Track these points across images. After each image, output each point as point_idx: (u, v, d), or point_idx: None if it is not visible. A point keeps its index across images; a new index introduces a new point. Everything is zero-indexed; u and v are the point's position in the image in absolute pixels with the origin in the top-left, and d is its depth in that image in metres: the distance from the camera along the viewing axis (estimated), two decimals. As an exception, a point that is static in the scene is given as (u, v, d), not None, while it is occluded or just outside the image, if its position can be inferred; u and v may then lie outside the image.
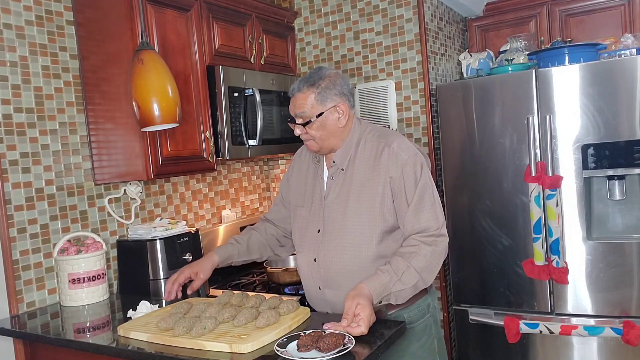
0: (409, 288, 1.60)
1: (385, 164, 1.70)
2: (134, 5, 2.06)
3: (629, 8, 2.96)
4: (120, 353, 1.61)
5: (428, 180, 1.69)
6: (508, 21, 3.27)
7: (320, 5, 3.06)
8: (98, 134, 2.24)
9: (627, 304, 2.36)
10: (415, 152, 1.71)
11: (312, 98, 1.71)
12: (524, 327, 2.51)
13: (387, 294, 1.58)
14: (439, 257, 1.65)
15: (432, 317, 1.77)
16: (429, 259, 1.62)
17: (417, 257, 1.61)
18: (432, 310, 1.78)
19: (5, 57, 2.00)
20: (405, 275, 1.59)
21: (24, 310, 2.02)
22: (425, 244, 1.62)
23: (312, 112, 1.71)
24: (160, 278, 2.16)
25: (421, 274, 1.61)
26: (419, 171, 1.69)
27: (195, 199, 2.79)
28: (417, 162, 1.70)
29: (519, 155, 2.51)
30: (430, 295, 1.79)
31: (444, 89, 2.73)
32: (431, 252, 1.62)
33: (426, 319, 1.75)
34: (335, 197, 1.75)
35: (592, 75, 2.35)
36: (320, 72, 1.74)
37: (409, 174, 1.68)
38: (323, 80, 1.71)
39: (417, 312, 1.73)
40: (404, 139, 1.77)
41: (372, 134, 1.78)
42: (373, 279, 1.57)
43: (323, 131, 1.73)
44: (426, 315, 1.75)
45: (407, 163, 1.68)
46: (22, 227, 2.03)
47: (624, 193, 2.40)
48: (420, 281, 1.62)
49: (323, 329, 1.50)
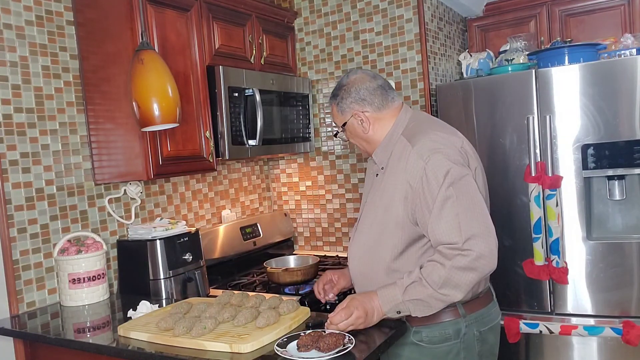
0: (421, 301, 1.52)
1: (407, 169, 1.60)
2: (134, 5, 2.06)
3: (629, 8, 2.96)
4: (120, 353, 1.61)
5: (451, 188, 1.52)
6: (508, 21, 3.27)
7: (320, 5, 3.06)
8: (98, 134, 2.24)
9: (627, 304, 2.36)
10: (438, 156, 1.56)
11: (335, 110, 1.76)
12: (524, 327, 2.51)
13: (399, 303, 1.53)
14: (461, 273, 1.49)
15: (462, 344, 1.61)
16: (447, 274, 1.49)
17: (432, 270, 1.51)
18: (463, 337, 1.61)
19: (5, 57, 2.01)
20: (415, 286, 1.52)
21: (24, 310, 2.02)
22: (445, 257, 1.50)
23: (338, 123, 1.77)
24: (160, 278, 2.16)
25: (438, 289, 1.50)
26: (441, 178, 1.53)
27: (195, 199, 2.79)
28: (440, 168, 1.54)
29: (519, 155, 2.51)
30: (465, 321, 1.61)
31: (444, 89, 2.73)
32: (450, 267, 1.48)
33: (452, 345, 1.60)
34: (372, 196, 1.73)
35: (592, 75, 2.35)
36: (342, 80, 1.75)
37: (428, 182, 1.55)
38: (341, 89, 1.73)
39: (439, 334, 1.60)
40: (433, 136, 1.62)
41: (409, 131, 1.68)
42: (385, 286, 1.57)
43: (355, 138, 1.77)
44: (452, 341, 1.60)
45: (427, 169, 1.55)
46: (22, 227, 2.03)
47: (623, 193, 2.40)
48: (435, 295, 1.51)
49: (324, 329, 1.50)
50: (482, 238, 1.51)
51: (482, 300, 1.67)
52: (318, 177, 3.18)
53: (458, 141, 1.66)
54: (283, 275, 2.40)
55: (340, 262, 2.84)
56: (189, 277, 2.23)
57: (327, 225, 3.19)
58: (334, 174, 3.12)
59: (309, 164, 3.20)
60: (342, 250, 3.13)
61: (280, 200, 3.34)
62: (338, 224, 3.15)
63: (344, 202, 3.11)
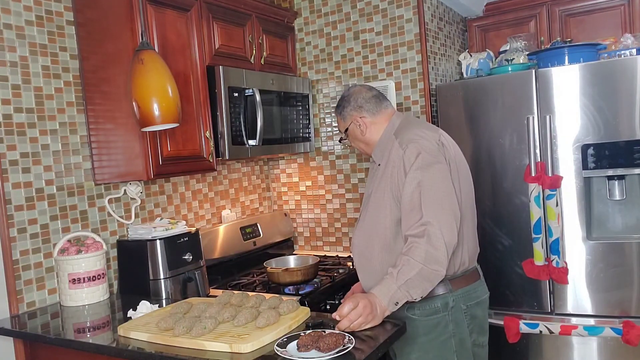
0: (414, 279, 1.62)
1: (392, 159, 1.83)
2: (134, 5, 2.06)
3: (629, 8, 2.96)
4: (120, 353, 1.61)
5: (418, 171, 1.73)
6: (508, 21, 3.27)
7: (320, 5, 3.06)
8: (98, 134, 2.24)
9: (627, 304, 2.36)
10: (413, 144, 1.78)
11: (339, 118, 2.05)
12: (524, 327, 2.51)
13: (395, 291, 1.61)
14: (436, 245, 1.65)
15: (450, 316, 1.80)
16: (426, 248, 1.64)
17: (412, 248, 1.65)
18: (451, 311, 1.80)
19: (5, 57, 2.01)
20: (404, 268, 1.63)
21: (24, 310, 2.02)
22: (417, 237, 1.67)
23: (341, 129, 2.05)
24: (160, 278, 2.16)
25: (425, 264, 1.63)
26: (412, 160, 1.75)
27: (195, 199, 2.79)
28: (413, 153, 1.76)
29: (518, 155, 2.51)
30: (452, 296, 1.81)
31: (444, 89, 2.73)
32: (425, 242, 1.64)
33: (441, 317, 1.80)
34: (371, 189, 1.94)
35: (592, 75, 2.35)
36: (343, 94, 2.04)
37: (403, 164, 1.77)
38: (343, 100, 2.02)
39: (429, 307, 1.79)
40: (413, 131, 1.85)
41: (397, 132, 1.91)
42: (376, 285, 1.66)
43: (355, 141, 2.04)
44: (441, 313, 1.79)
45: (404, 156, 1.78)
46: (22, 227, 2.03)
47: (623, 193, 2.40)
48: (425, 270, 1.63)
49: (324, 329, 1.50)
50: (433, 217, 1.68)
51: (467, 278, 1.88)
52: (318, 177, 3.18)
53: (435, 135, 1.86)
54: (283, 275, 2.40)
55: (340, 262, 2.84)
56: (189, 277, 2.23)
57: (327, 225, 3.19)
58: (334, 174, 3.12)
59: (309, 164, 3.20)
60: (342, 250, 3.13)
61: (280, 200, 3.34)
62: (338, 224, 3.15)
63: (344, 202, 3.11)
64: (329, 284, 2.43)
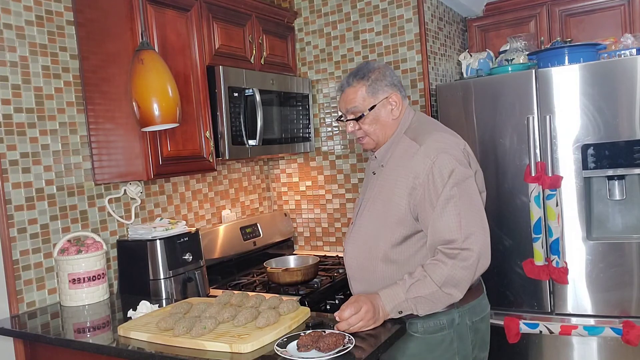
0: (426, 298, 1.54)
1: (411, 167, 1.62)
2: (134, 5, 2.06)
3: (629, 8, 2.96)
4: (120, 353, 1.61)
5: (455, 188, 1.57)
6: (508, 21, 3.27)
7: (320, 5, 3.06)
8: (98, 134, 2.24)
9: (627, 304, 2.36)
10: (444, 155, 1.60)
11: (364, 91, 1.69)
12: (524, 327, 2.51)
13: (402, 302, 1.55)
14: (462, 272, 1.53)
15: (455, 333, 1.66)
16: (449, 272, 1.53)
17: (435, 268, 1.54)
18: (456, 327, 1.66)
19: (5, 57, 2.00)
20: (419, 284, 1.54)
21: (24, 310, 2.02)
22: (447, 257, 1.54)
23: (364, 106, 1.69)
24: (160, 278, 2.16)
25: (442, 287, 1.53)
26: (446, 177, 1.57)
27: (195, 199, 2.79)
28: (445, 167, 1.58)
29: (519, 155, 2.51)
30: (459, 312, 1.66)
31: (444, 89, 2.73)
32: (452, 265, 1.52)
33: (446, 334, 1.65)
34: (371, 193, 1.75)
35: (592, 75, 2.35)
36: (369, 65, 1.72)
37: (434, 179, 1.58)
38: (373, 72, 1.69)
39: (433, 324, 1.64)
40: (438, 137, 1.66)
41: (412, 131, 1.70)
42: (386, 286, 1.59)
43: (376, 125, 1.71)
44: (446, 330, 1.65)
45: (433, 168, 1.58)
46: (22, 227, 2.03)
47: (623, 193, 2.40)
48: (439, 293, 1.54)
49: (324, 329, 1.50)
50: (479, 237, 1.57)
51: (473, 293, 1.71)
52: (318, 177, 3.18)
53: (461, 143, 1.70)
54: (283, 275, 2.40)
55: (340, 262, 2.84)
56: (189, 277, 2.23)
57: (327, 225, 3.19)
58: (334, 174, 3.12)
59: (309, 164, 3.20)
60: (342, 251, 3.13)
61: (280, 200, 3.34)
62: (338, 224, 3.15)
63: (344, 202, 3.11)
64: (329, 284, 2.43)
